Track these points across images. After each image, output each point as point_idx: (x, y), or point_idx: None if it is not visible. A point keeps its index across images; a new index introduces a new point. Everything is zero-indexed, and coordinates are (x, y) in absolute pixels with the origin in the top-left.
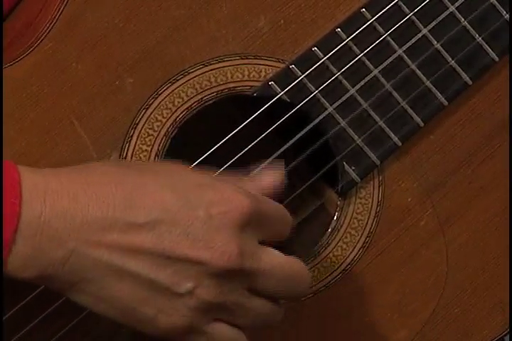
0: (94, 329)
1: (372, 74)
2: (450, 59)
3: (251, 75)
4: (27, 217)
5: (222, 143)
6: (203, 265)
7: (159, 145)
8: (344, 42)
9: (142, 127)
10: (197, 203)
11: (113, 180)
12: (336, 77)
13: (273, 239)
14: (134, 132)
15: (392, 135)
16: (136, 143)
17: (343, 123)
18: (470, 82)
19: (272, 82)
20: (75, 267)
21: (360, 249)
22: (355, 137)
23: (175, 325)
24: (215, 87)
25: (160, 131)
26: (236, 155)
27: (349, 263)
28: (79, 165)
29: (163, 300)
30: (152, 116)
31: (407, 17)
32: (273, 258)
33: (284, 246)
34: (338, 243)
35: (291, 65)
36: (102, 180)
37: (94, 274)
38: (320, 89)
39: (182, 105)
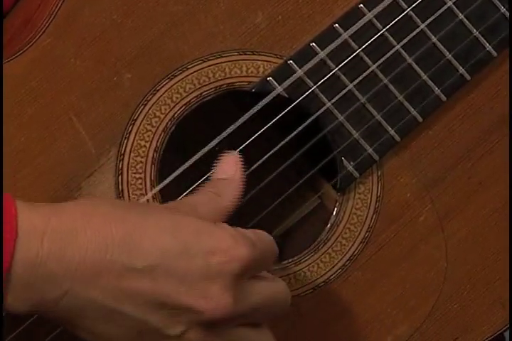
0: None
1: (370, 70)
2: (448, 54)
3: (249, 71)
4: (22, 257)
5: (220, 139)
6: (196, 313)
7: (158, 141)
8: (342, 38)
9: (141, 123)
10: (196, 251)
11: (113, 221)
12: (334, 73)
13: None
14: (132, 128)
15: (391, 130)
16: (134, 138)
17: (341, 118)
18: (468, 77)
19: (270, 78)
20: (68, 306)
21: (359, 244)
22: (354, 132)
23: None
24: (213, 82)
25: (158, 127)
26: (235, 150)
27: (348, 259)
28: (80, 200)
29: (151, 339)
30: (150, 111)
31: (405, 12)
32: (259, 292)
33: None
34: (337, 238)
35: (289, 60)
36: (102, 221)
37: (87, 314)
38: (318, 84)
39: (180, 101)
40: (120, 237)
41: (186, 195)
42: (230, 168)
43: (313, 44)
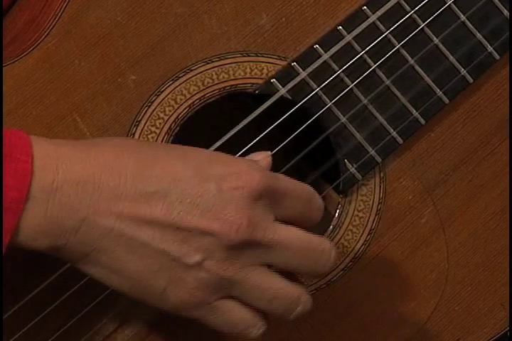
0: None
1: (373, 72)
2: (451, 57)
3: (253, 73)
4: (39, 182)
5: (224, 141)
6: (212, 236)
7: (162, 142)
8: (346, 40)
9: (145, 124)
10: (208, 176)
11: (126, 150)
12: (338, 75)
13: (301, 223)
14: (136, 129)
15: (393, 132)
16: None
17: (344, 120)
18: (471, 80)
19: (274, 80)
20: (86, 236)
21: (361, 246)
22: (357, 134)
23: (184, 298)
24: (217, 84)
25: (162, 128)
26: (238, 152)
27: (351, 261)
28: (93, 138)
29: (173, 272)
30: (154, 113)
31: (408, 14)
32: (288, 231)
33: None
34: (339, 240)
35: (292, 62)
36: (115, 150)
37: (105, 244)
38: (321, 86)
39: (184, 102)
40: (132, 165)
41: None
42: (259, 155)
43: (317, 46)
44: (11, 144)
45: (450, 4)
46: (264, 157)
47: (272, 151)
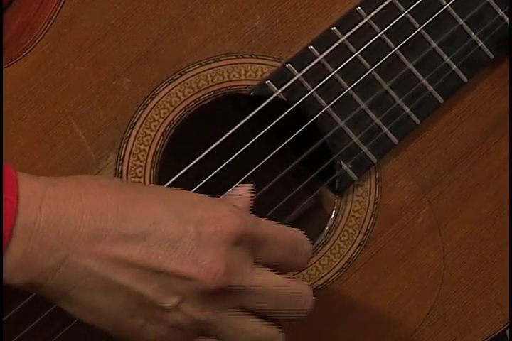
0: (90, 332)
1: (368, 73)
2: (446, 56)
3: (247, 74)
4: (22, 221)
5: (219, 143)
6: (189, 281)
7: (157, 145)
8: (340, 41)
9: (140, 127)
10: (188, 219)
11: (109, 191)
12: (332, 76)
13: (284, 268)
14: (131, 132)
15: (388, 133)
16: (133, 143)
17: (339, 121)
18: (466, 80)
19: (269, 81)
20: (65, 276)
21: (357, 246)
22: (352, 135)
23: (162, 336)
24: (211, 86)
25: (157, 131)
26: (233, 154)
27: (347, 261)
28: (79, 175)
29: (150, 312)
30: (149, 115)
31: (402, 15)
32: (266, 278)
33: None
34: (335, 241)
35: (287, 63)
36: (98, 190)
37: (84, 284)
38: (316, 87)
39: (179, 105)
40: (114, 206)
41: None
42: (241, 189)
43: (312, 47)
44: None
45: (445, 5)
46: (244, 193)
47: (267, 156)
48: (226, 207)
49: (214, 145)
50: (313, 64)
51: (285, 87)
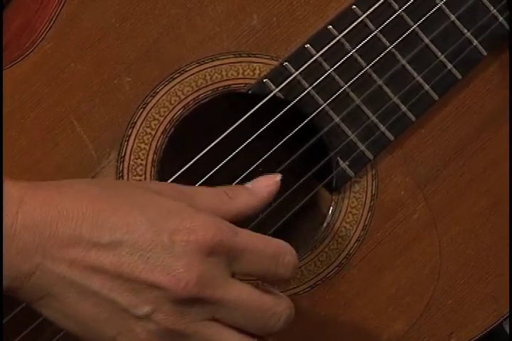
0: None
1: (364, 70)
2: (440, 54)
3: (245, 73)
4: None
5: (218, 141)
6: (160, 290)
7: (157, 143)
8: (336, 39)
9: (140, 125)
10: (162, 229)
11: (87, 198)
12: (329, 74)
13: (266, 279)
14: (132, 131)
15: (384, 130)
16: (134, 141)
17: (336, 118)
18: (460, 77)
19: (267, 80)
20: (39, 281)
21: (355, 242)
22: (349, 132)
23: None
24: (210, 85)
25: (158, 130)
26: (232, 152)
27: (345, 257)
28: (61, 180)
29: (123, 322)
30: (150, 114)
31: (397, 13)
32: (240, 291)
33: None
34: (333, 237)
35: (284, 62)
36: (75, 197)
37: (58, 290)
38: (313, 85)
39: (179, 103)
40: (90, 214)
41: None
42: (262, 182)
43: (308, 46)
44: None
45: (438, 3)
46: (268, 182)
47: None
48: (204, 217)
49: (213, 144)
50: (310, 62)
51: (283, 85)
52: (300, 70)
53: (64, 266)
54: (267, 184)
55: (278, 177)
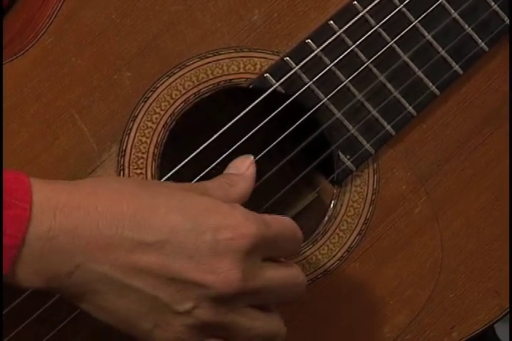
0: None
1: (364, 65)
2: (441, 49)
3: (246, 68)
4: (36, 229)
5: (219, 135)
6: (205, 288)
7: (158, 137)
8: (337, 34)
9: (141, 119)
10: (205, 227)
11: (125, 198)
12: (330, 69)
13: (285, 256)
14: (133, 124)
15: (385, 124)
16: (135, 135)
17: (337, 113)
18: (461, 72)
19: (267, 74)
20: (79, 281)
21: (356, 236)
22: (350, 127)
23: (169, 339)
24: (211, 79)
25: (158, 123)
26: (233, 146)
27: (346, 251)
28: (93, 177)
29: (162, 316)
30: (151, 108)
31: (398, 8)
32: (273, 274)
33: None
34: (335, 230)
35: (285, 57)
36: (113, 197)
37: (98, 287)
38: (314, 80)
39: (180, 97)
40: (131, 214)
41: None
42: (243, 164)
43: (309, 41)
44: (12, 188)
45: None
46: (247, 166)
47: (266, 147)
48: (240, 213)
49: (214, 137)
50: (310, 57)
51: (283, 79)
52: (300, 65)
53: (106, 266)
54: (248, 165)
55: (251, 157)
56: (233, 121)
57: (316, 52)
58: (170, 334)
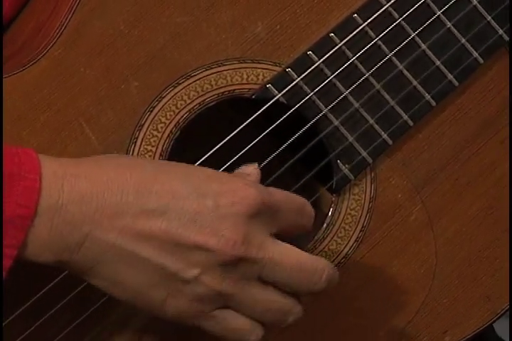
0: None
1: (364, 77)
2: (437, 61)
3: (249, 78)
4: (46, 199)
5: (222, 144)
6: (209, 251)
7: (163, 145)
8: (337, 46)
9: (147, 128)
10: (205, 192)
11: (128, 169)
12: (330, 80)
13: (294, 232)
14: (139, 133)
15: (383, 134)
16: (141, 143)
17: (336, 123)
18: (456, 84)
19: (270, 85)
20: (89, 251)
21: (354, 242)
22: (348, 136)
23: (183, 309)
24: (215, 89)
25: (164, 132)
26: (236, 155)
27: (344, 257)
28: (96, 156)
29: (172, 285)
30: (156, 118)
31: (397, 22)
32: (283, 250)
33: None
34: (333, 237)
35: (287, 68)
36: (118, 168)
37: (107, 258)
38: (315, 91)
39: (185, 107)
40: (134, 182)
41: None
42: (248, 168)
43: (310, 52)
44: (21, 162)
45: (436, 12)
46: (252, 169)
47: (269, 156)
48: (240, 180)
49: (217, 146)
50: (312, 68)
51: (285, 90)
52: (302, 76)
53: (113, 234)
54: (253, 168)
55: (255, 163)
56: (236, 130)
57: (317, 63)
58: (183, 302)
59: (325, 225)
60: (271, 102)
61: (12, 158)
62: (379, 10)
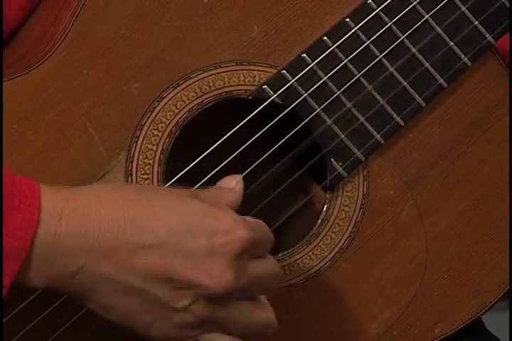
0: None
1: (355, 78)
2: (426, 63)
3: (246, 80)
4: (43, 232)
5: (220, 143)
6: (200, 288)
7: (164, 144)
8: (330, 49)
9: (148, 128)
10: (200, 231)
11: (125, 203)
12: (323, 81)
13: (262, 255)
14: (140, 133)
15: (375, 133)
16: (142, 142)
17: (329, 122)
18: (445, 85)
19: (266, 86)
20: (82, 281)
21: (347, 238)
22: (341, 135)
23: (168, 333)
24: (213, 90)
25: (164, 132)
26: (233, 153)
27: (338, 251)
28: (95, 184)
29: (162, 312)
30: (157, 118)
31: (387, 25)
32: (258, 268)
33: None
34: (327, 233)
35: (282, 70)
36: (115, 202)
37: (100, 288)
38: (309, 91)
39: (184, 107)
40: (131, 218)
41: None
42: (231, 181)
43: (304, 55)
44: (22, 194)
45: (425, 16)
46: (235, 183)
47: (262, 154)
48: (230, 217)
49: (215, 145)
50: (306, 70)
51: (280, 91)
52: (297, 77)
53: (108, 268)
54: (236, 182)
55: (238, 175)
56: (233, 129)
57: (311, 65)
58: (170, 327)
59: (320, 221)
60: (267, 102)
61: (14, 189)
62: (370, 14)
